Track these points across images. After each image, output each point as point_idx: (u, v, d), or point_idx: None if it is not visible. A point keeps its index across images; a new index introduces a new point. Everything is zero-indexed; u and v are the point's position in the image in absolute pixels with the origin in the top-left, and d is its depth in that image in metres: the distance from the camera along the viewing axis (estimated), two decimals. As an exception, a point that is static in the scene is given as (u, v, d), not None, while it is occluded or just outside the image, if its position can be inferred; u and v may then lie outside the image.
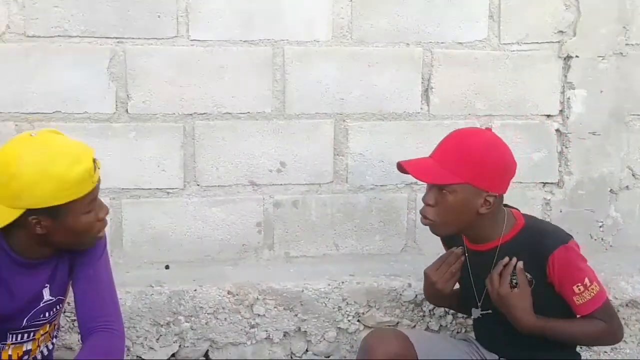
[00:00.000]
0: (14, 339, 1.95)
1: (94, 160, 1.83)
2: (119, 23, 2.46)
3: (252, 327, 2.54)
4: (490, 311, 2.23)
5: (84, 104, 2.51)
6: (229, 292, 2.54)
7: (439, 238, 2.31)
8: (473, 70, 2.71)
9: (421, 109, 2.70)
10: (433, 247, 2.62)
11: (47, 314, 2.01)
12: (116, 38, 2.48)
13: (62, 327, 2.40)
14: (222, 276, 2.62)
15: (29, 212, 1.77)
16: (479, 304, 2.27)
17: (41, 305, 1.96)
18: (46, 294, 1.96)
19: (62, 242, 1.90)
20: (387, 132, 2.69)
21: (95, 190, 1.85)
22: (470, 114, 2.73)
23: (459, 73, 2.71)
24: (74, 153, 1.80)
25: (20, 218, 1.76)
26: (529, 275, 2.06)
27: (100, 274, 2.02)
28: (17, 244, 1.85)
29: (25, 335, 1.97)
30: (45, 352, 2.07)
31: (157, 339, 2.49)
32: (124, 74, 2.49)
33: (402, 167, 2.21)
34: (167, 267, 2.64)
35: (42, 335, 2.03)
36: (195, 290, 2.52)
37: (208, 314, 2.52)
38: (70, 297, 2.06)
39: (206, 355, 2.56)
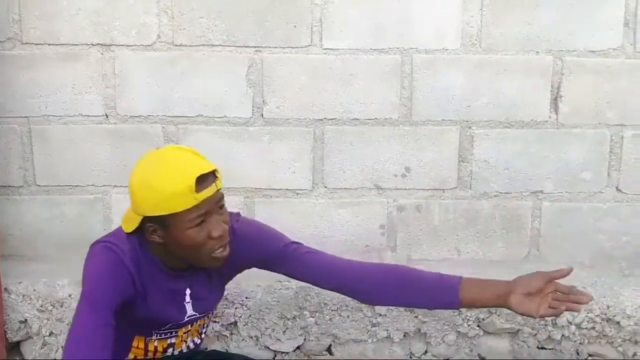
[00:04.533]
0: (157, 336, 1.99)
1: (202, 179, 1.76)
2: (257, 33, 2.48)
3: (374, 325, 2.52)
4: None
5: (224, 108, 2.54)
6: (352, 291, 2.60)
7: (564, 247, 2.21)
8: (605, 78, 2.54)
9: (549, 117, 2.56)
10: (558, 257, 2.58)
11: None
12: (254, 47, 2.49)
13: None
14: (346, 275, 2.66)
15: (146, 219, 1.79)
16: None
17: (185, 320, 1.96)
18: (189, 309, 1.96)
19: (180, 255, 1.86)
20: (513, 140, 2.58)
21: (202, 207, 1.78)
22: (601, 123, 2.56)
23: (589, 81, 2.54)
24: (180, 169, 1.77)
25: (141, 225, 1.81)
26: None
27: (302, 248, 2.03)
28: (157, 255, 1.87)
29: (168, 333, 2.00)
30: (192, 346, 2.07)
31: (284, 332, 2.52)
32: (260, 81, 2.51)
33: None
34: None
35: (184, 332, 2.03)
36: (320, 287, 2.60)
37: (332, 310, 2.52)
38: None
39: (329, 349, 2.56)
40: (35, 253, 2.63)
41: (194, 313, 1.97)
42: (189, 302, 1.95)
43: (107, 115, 2.53)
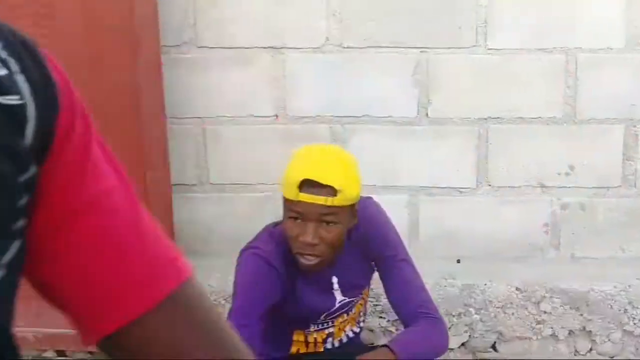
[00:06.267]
0: (315, 327, 2.01)
1: (314, 184, 1.76)
2: (423, 34, 2.51)
3: (538, 323, 2.53)
4: None
5: (389, 108, 2.58)
6: (517, 289, 2.53)
7: None
8: None
9: None
10: None
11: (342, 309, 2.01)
12: (420, 48, 2.51)
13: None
14: (510, 273, 2.60)
15: None
16: None
17: (337, 306, 1.98)
18: (338, 296, 1.97)
19: None
20: (680, 138, 2.54)
21: (300, 207, 1.79)
22: None
23: None
24: (306, 164, 1.82)
25: None
26: None
27: (403, 267, 1.98)
28: None
29: (325, 323, 2.02)
30: (351, 335, 2.08)
31: (449, 328, 2.48)
32: (426, 81, 2.54)
33: None
34: (458, 261, 2.67)
35: (341, 322, 2.04)
36: (485, 284, 2.54)
37: (497, 307, 2.53)
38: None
39: (493, 346, 2.57)
40: (208, 249, 2.69)
41: (344, 298, 1.98)
42: (337, 289, 1.97)
43: (277, 116, 2.60)
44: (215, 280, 2.56)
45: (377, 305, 2.52)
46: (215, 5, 2.52)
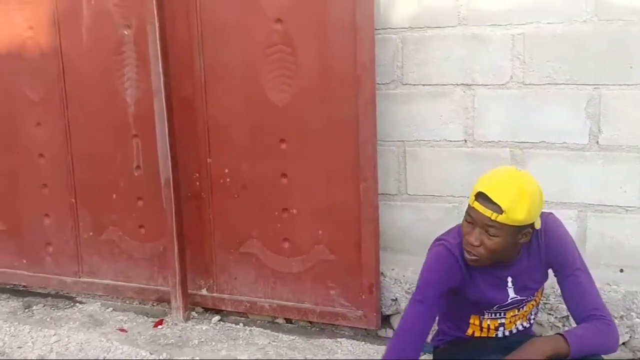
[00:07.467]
0: (488, 315, 2.23)
1: (487, 199, 1.97)
2: (596, 72, 2.76)
3: None
4: None
5: (563, 136, 2.86)
6: (677, 298, 2.71)
7: None
8: None
9: None
10: None
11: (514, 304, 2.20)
12: (593, 85, 2.77)
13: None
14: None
15: None
16: None
17: (508, 301, 2.18)
18: (511, 293, 2.17)
19: None
20: None
21: (471, 213, 2.03)
22: None
23: None
24: (488, 179, 2.03)
25: None
26: None
27: (580, 274, 2.13)
28: None
29: (497, 314, 2.22)
30: (521, 328, 2.27)
31: None
32: (597, 113, 2.79)
33: None
34: (621, 270, 2.86)
35: (512, 315, 2.23)
36: (646, 292, 2.76)
37: None
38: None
39: None
40: (403, 247, 3.17)
41: (516, 296, 2.17)
42: (510, 287, 2.17)
43: (465, 141, 3.01)
44: (410, 273, 3.08)
45: (547, 303, 2.86)
46: (419, 51, 3.01)
